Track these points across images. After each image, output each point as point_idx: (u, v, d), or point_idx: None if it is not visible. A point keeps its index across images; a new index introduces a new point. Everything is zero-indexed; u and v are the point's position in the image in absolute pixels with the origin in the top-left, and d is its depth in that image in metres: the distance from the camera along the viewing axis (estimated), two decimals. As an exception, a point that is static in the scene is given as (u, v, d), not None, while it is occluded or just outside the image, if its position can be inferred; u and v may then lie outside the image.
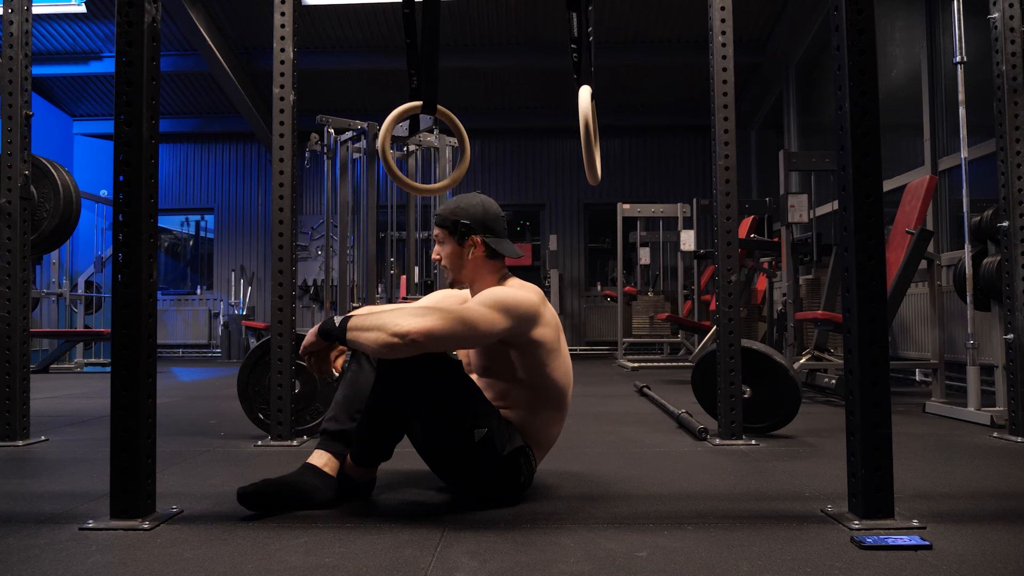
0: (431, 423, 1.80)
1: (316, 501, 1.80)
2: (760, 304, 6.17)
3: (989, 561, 1.42)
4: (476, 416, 1.77)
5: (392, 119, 2.08)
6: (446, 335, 1.68)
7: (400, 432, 1.83)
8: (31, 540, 1.57)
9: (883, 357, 1.65)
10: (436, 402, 1.76)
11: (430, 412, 1.78)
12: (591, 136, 1.98)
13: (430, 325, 1.65)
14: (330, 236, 4.87)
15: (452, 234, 1.94)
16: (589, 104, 1.98)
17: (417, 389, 1.74)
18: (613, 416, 3.63)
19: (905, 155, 5.66)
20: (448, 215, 1.94)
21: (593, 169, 2.04)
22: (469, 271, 1.95)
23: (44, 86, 9.53)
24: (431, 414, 1.78)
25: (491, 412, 1.81)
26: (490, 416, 1.80)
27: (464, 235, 1.93)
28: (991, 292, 3.22)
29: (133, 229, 1.69)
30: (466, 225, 1.93)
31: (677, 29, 8.29)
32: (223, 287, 10.41)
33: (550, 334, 1.88)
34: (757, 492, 2.01)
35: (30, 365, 2.89)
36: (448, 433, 1.79)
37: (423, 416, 1.79)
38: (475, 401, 1.79)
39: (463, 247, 1.94)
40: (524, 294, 1.85)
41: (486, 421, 1.78)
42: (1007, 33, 2.86)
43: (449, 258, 1.96)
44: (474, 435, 1.76)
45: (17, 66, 2.86)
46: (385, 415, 1.78)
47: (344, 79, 9.32)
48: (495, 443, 1.78)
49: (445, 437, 1.81)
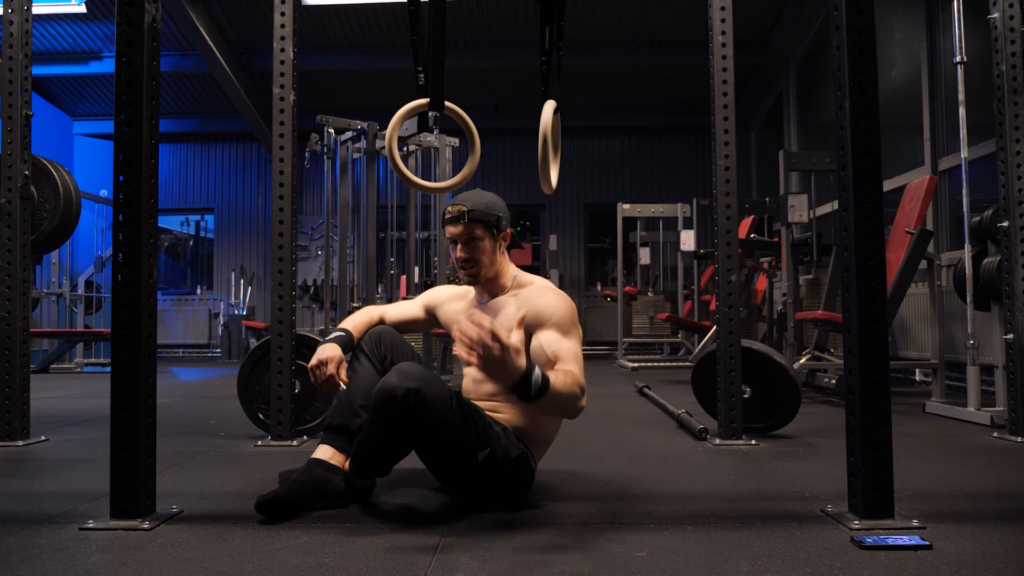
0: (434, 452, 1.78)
1: (330, 493, 1.80)
2: (760, 304, 6.16)
3: (989, 561, 1.42)
4: (478, 440, 1.74)
5: (400, 117, 2.07)
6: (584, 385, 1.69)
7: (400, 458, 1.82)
8: (31, 540, 1.57)
9: (883, 357, 1.65)
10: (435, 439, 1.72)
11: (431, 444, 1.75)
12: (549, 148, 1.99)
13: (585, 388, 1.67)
14: (330, 236, 4.86)
15: (490, 230, 1.93)
16: (551, 117, 1.99)
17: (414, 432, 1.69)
18: (613, 416, 3.63)
19: (905, 155, 5.66)
20: (487, 210, 1.93)
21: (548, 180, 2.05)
22: (498, 264, 1.97)
23: (44, 86, 9.53)
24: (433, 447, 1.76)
25: (490, 430, 1.77)
26: (490, 434, 1.77)
27: (502, 229, 1.96)
28: (991, 292, 3.22)
29: (133, 229, 1.69)
30: (504, 219, 1.96)
31: (677, 29, 8.29)
32: (223, 287, 10.41)
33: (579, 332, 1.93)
34: (757, 492, 2.01)
35: (30, 365, 2.89)
36: (451, 458, 1.78)
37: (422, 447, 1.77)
38: (476, 426, 1.74)
39: (498, 241, 1.96)
40: (566, 296, 1.90)
41: (487, 442, 1.75)
42: (1007, 33, 2.86)
43: (488, 254, 1.93)
44: (477, 457, 1.75)
45: (17, 66, 2.86)
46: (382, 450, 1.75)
47: (344, 79, 9.32)
48: (497, 458, 1.77)
49: (448, 461, 1.79)
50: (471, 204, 1.92)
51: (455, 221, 1.91)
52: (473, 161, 2.22)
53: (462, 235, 1.91)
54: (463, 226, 1.91)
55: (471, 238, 1.91)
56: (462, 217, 1.90)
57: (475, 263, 1.92)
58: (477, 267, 1.93)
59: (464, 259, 1.92)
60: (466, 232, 1.91)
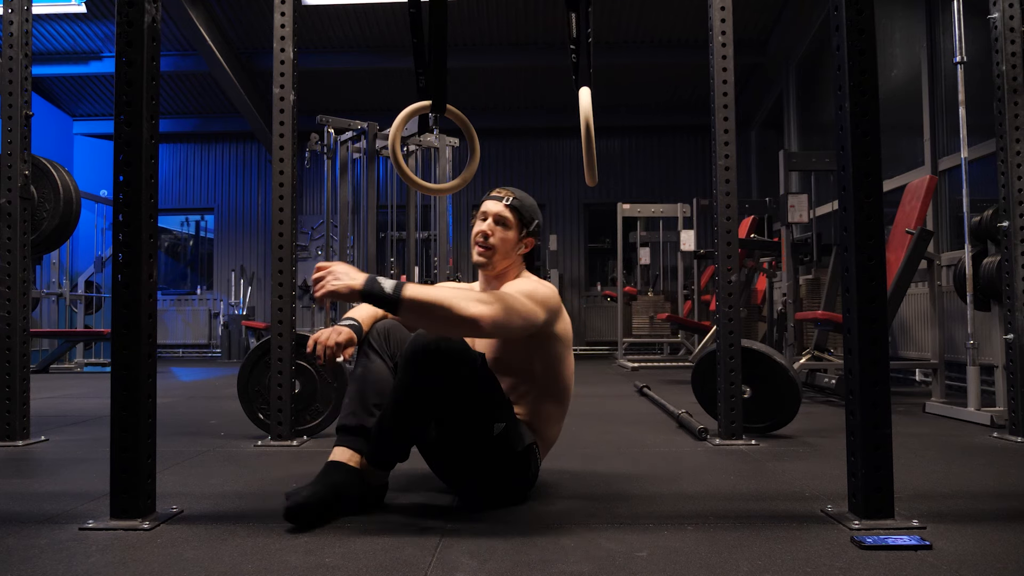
0: (451, 418, 1.78)
1: (352, 497, 1.76)
2: (760, 304, 6.16)
3: (989, 561, 1.42)
4: (498, 409, 1.79)
5: (402, 119, 2.06)
6: (505, 325, 1.70)
7: (423, 430, 1.81)
8: (31, 540, 1.57)
9: (883, 357, 1.65)
10: (460, 395, 1.75)
11: (453, 406, 1.76)
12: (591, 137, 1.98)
13: (495, 314, 1.67)
14: (330, 236, 4.86)
15: (522, 225, 1.98)
16: (590, 105, 1.98)
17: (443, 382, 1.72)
18: (613, 416, 3.63)
19: (905, 155, 5.66)
20: (529, 208, 2.00)
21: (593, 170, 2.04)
22: (509, 262, 1.99)
23: (44, 86, 9.53)
24: (453, 408, 1.77)
25: (509, 405, 1.84)
26: (508, 410, 1.83)
27: (530, 233, 2.00)
28: (991, 292, 3.22)
29: (133, 229, 1.69)
30: (537, 226, 2.02)
31: (677, 29, 8.29)
32: (223, 287, 10.41)
33: (568, 329, 1.96)
34: (757, 492, 2.01)
35: (30, 365, 2.89)
36: (467, 428, 1.78)
37: (445, 410, 1.77)
38: (495, 393, 1.81)
39: (521, 240, 1.99)
40: (552, 289, 1.91)
41: (504, 415, 1.80)
42: (1007, 33, 2.86)
43: (505, 243, 1.96)
44: (493, 429, 1.77)
45: (17, 66, 2.86)
46: (408, 413, 1.74)
47: (344, 79, 9.32)
48: (511, 439, 1.79)
49: (464, 432, 1.79)
50: (518, 195, 2.01)
51: (498, 200, 1.99)
52: (473, 164, 2.23)
53: (496, 215, 1.97)
54: (503, 207, 1.97)
55: (502, 220, 1.97)
56: (505, 199, 1.98)
57: (492, 246, 1.96)
58: (492, 250, 1.96)
59: (485, 235, 1.96)
60: (502, 214, 1.97)
